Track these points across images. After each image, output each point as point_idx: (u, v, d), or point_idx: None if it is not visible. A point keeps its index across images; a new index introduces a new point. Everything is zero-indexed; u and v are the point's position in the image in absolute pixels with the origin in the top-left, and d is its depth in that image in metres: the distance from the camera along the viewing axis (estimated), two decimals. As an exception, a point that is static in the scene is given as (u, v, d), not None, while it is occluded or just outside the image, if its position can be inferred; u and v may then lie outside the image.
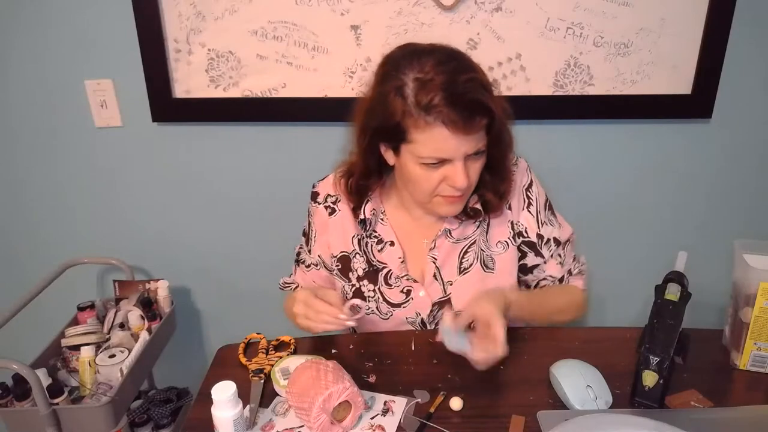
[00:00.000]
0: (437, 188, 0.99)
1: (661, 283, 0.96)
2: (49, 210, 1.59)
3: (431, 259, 1.11)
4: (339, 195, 1.14)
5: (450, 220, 1.10)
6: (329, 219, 1.15)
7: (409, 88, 0.92)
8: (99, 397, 1.24)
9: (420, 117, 0.91)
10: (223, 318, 1.72)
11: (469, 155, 0.96)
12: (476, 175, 1.01)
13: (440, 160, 0.95)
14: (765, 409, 0.89)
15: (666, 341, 0.88)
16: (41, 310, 1.43)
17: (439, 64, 0.91)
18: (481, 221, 1.12)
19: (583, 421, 0.81)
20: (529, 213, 1.13)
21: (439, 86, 0.89)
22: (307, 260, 1.21)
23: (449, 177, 0.97)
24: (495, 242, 1.13)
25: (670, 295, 0.92)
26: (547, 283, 1.17)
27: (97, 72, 1.44)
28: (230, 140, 1.51)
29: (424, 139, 0.93)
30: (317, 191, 1.17)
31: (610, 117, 1.45)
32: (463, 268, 1.11)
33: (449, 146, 0.93)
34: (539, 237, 1.13)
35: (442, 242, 1.11)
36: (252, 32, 1.37)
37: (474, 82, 0.92)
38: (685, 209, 1.56)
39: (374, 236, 1.12)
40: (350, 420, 0.85)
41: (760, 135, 1.48)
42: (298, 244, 1.24)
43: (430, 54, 0.93)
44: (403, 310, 1.11)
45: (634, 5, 1.33)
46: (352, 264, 1.13)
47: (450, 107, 0.89)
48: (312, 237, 1.19)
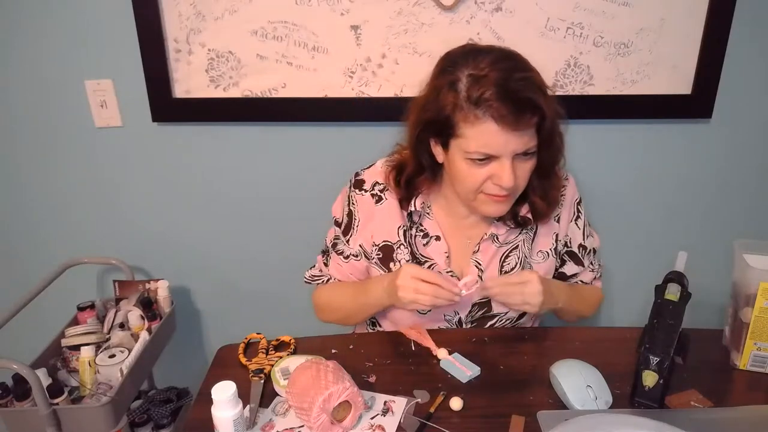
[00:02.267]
0: (482, 185, 0.99)
1: (661, 283, 0.96)
2: (49, 210, 1.59)
3: (474, 263, 1.12)
4: (387, 184, 1.12)
5: (497, 225, 1.11)
6: (375, 207, 1.13)
7: (463, 83, 0.93)
8: (99, 397, 1.23)
9: (470, 111, 0.92)
10: (223, 318, 1.72)
11: (518, 155, 0.96)
12: (524, 176, 1.00)
13: (487, 156, 0.95)
14: (765, 409, 0.89)
15: (666, 341, 0.88)
16: (41, 310, 1.42)
17: (495, 62, 0.93)
18: (528, 229, 1.12)
19: (583, 421, 0.81)
20: (576, 225, 1.17)
21: (492, 82, 0.90)
22: (346, 251, 1.17)
23: (496, 175, 0.96)
24: (537, 251, 1.14)
25: (670, 295, 0.93)
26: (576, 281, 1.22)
27: (97, 72, 1.44)
28: (230, 140, 1.51)
29: (472, 133, 0.93)
30: (363, 179, 1.15)
31: (610, 117, 1.45)
32: (504, 270, 1.12)
33: (497, 142, 0.93)
34: (581, 248, 1.18)
35: (487, 246, 1.12)
36: (252, 32, 1.37)
37: (528, 81, 0.92)
38: (685, 209, 1.56)
39: (420, 230, 1.12)
40: (350, 420, 0.85)
41: (760, 135, 1.48)
42: (329, 235, 1.21)
43: (488, 53, 0.95)
44: (443, 307, 1.10)
45: (634, 5, 1.33)
46: (395, 254, 1.11)
47: (500, 102, 0.90)
48: (354, 226, 1.15)
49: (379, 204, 1.12)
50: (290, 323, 1.30)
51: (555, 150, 1.04)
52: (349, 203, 1.16)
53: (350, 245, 1.16)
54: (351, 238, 1.16)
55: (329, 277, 1.22)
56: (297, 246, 1.61)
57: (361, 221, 1.14)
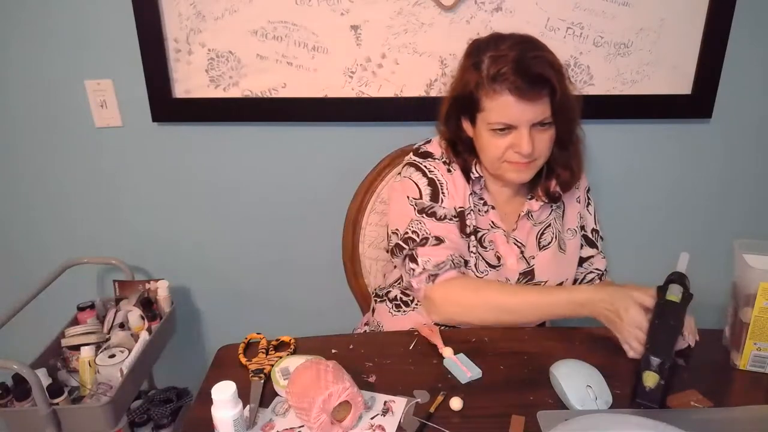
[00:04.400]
0: (505, 154, 1.08)
1: (662, 284, 0.96)
2: (49, 210, 1.59)
3: (513, 242, 1.17)
4: (448, 157, 1.17)
5: (531, 203, 1.18)
6: (448, 175, 1.16)
7: (485, 63, 1.05)
8: (99, 397, 1.24)
9: (490, 86, 1.03)
10: (223, 318, 1.72)
11: (535, 125, 1.05)
12: (543, 145, 1.08)
13: (507, 126, 1.05)
14: (765, 409, 0.89)
15: (667, 342, 0.88)
16: (41, 310, 1.43)
17: (514, 44, 1.04)
18: (555, 207, 1.21)
19: (583, 421, 0.81)
20: (588, 212, 1.27)
21: (509, 60, 1.02)
22: (440, 212, 1.13)
23: (515, 144, 1.06)
24: (566, 228, 1.23)
25: (672, 296, 0.92)
26: (594, 276, 1.26)
27: (97, 72, 1.44)
28: (230, 140, 1.51)
29: (493, 106, 1.04)
30: (429, 151, 1.17)
31: (610, 117, 1.45)
32: (542, 245, 1.19)
33: (514, 112, 1.03)
34: (594, 232, 1.27)
35: (524, 224, 1.18)
36: (252, 32, 1.37)
37: (541, 59, 1.03)
38: (685, 209, 1.56)
39: (480, 199, 1.18)
40: (350, 420, 0.85)
41: (760, 135, 1.48)
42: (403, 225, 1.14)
43: (509, 37, 1.07)
44: (496, 272, 1.16)
45: (634, 5, 1.33)
46: (467, 220, 1.15)
47: (516, 75, 1.00)
48: (443, 190, 1.14)
49: (450, 173, 1.16)
50: (290, 323, 1.30)
51: (569, 121, 1.10)
52: (426, 172, 1.15)
53: (445, 206, 1.13)
54: (444, 199, 1.14)
55: (454, 260, 1.11)
56: (297, 246, 1.61)
57: (447, 183, 1.14)
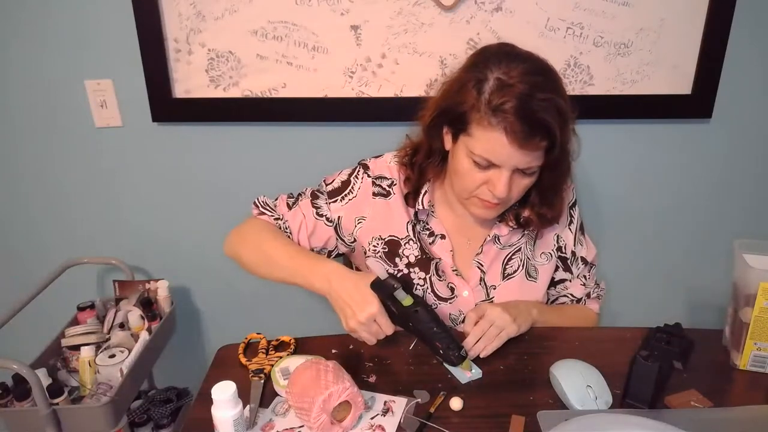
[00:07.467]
0: (477, 189, 1.00)
1: (391, 294, 0.96)
2: (49, 210, 1.59)
3: (477, 265, 1.12)
4: (394, 179, 1.12)
5: (499, 226, 1.11)
6: (375, 200, 1.11)
7: (488, 84, 0.92)
8: (99, 397, 1.24)
9: (485, 116, 0.92)
10: (223, 318, 1.72)
11: (518, 170, 0.96)
12: (519, 191, 1.00)
13: (490, 163, 0.95)
14: (765, 409, 0.89)
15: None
16: (41, 310, 1.42)
17: (525, 74, 0.91)
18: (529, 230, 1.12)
19: (583, 421, 0.81)
20: (569, 230, 1.16)
21: (515, 94, 0.89)
22: (323, 210, 1.13)
23: (491, 182, 0.97)
24: (540, 253, 1.15)
25: (406, 300, 0.95)
26: (566, 301, 1.20)
27: (97, 72, 1.44)
28: (230, 140, 1.51)
29: (482, 138, 0.94)
30: (369, 165, 1.14)
31: (610, 117, 1.45)
32: (506, 273, 1.12)
33: (502, 154, 0.93)
34: (573, 254, 1.17)
35: (489, 248, 1.12)
36: (252, 32, 1.37)
37: (550, 103, 0.91)
38: (685, 209, 1.56)
39: (426, 228, 1.12)
40: (350, 420, 0.85)
41: (760, 135, 1.48)
42: (313, 187, 1.17)
43: (524, 61, 0.93)
44: (449, 305, 1.12)
45: (634, 5, 1.33)
46: (402, 250, 1.11)
47: (516, 117, 0.89)
48: (344, 197, 1.12)
49: (387, 198, 1.12)
50: (290, 323, 1.30)
51: (558, 175, 1.04)
52: (353, 174, 1.14)
53: (330, 209, 1.13)
54: (334, 204, 1.12)
55: (283, 220, 1.14)
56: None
57: (355, 198, 1.12)
